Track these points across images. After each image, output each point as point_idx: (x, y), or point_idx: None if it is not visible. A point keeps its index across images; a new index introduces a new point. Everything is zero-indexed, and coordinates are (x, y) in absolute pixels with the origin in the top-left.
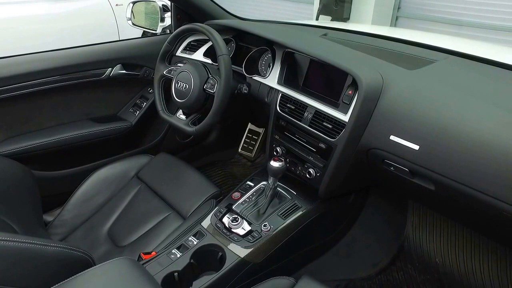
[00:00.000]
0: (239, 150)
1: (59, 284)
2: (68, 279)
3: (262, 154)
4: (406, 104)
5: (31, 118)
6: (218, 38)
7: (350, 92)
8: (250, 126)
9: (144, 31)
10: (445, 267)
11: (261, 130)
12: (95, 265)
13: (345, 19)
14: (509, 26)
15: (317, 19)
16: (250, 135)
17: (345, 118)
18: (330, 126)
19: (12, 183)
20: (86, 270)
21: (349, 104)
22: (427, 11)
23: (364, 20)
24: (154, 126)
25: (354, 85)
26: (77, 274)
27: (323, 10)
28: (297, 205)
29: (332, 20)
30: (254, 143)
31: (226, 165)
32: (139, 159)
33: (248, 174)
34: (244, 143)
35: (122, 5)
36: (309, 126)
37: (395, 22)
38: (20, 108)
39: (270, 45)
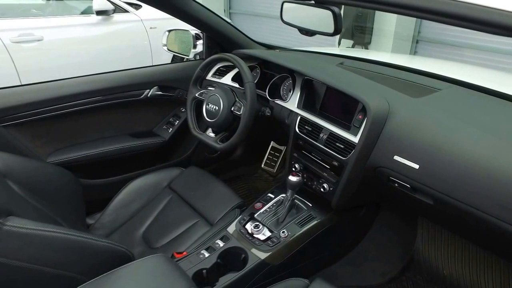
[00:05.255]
0: (262, 165)
1: (105, 274)
2: (113, 270)
3: (284, 170)
4: (408, 129)
5: (79, 132)
6: (245, 67)
7: (360, 116)
8: (273, 144)
9: (175, 55)
10: (452, 279)
11: (282, 148)
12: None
13: (367, 43)
14: None
15: (339, 43)
16: (273, 152)
17: (355, 139)
18: (342, 146)
19: (62, 188)
20: (128, 264)
21: (359, 127)
22: (446, 35)
23: (385, 43)
24: (185, 142)
25: (364, 110)
26: (121, 266)
27: (345, 34)
28: (312, 215)
29: (354, 43)
30: (276, 159)
31: (249, 179)
32: (171, 171)
33: (270, 188)
34: (267, 159)
35: (156, 28)
36: (324, 145)
37: (415, 45)
38: (70, 123)
39: (291, 73)
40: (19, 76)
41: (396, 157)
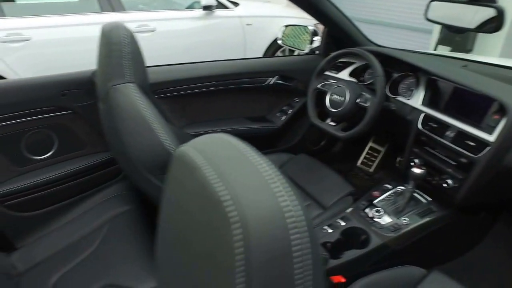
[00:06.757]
0: (358, 164)
1: None
2: None
3: (380, 171)
4: None
5: (207, 110)
6: (376, 61)
7: (496, 116)
8: (372, 144)
9: (266, 49)
10: None
11: (382, 148)
12: None
13: (468, 51)
14: None
15: (435, 49)
16: (371, 152)
17: (491, 138)
18: (473, 144)
19: None
20: None
21: (495, 127)
22: None
23: (491, 51)
24: (293, 130)
25: (501, 110)
26: None
27: (443, 40)
28: (432, 209)
29: (452, 50)
30: (374, 159)
31: (347, 175)
32: (282, 156)
33: (367, 186)
34: (364, 158)
35: (251, 25)
36: (451, 142)
37: None
38: (201, 101)
39: (414, 71)
40: None
41: None
